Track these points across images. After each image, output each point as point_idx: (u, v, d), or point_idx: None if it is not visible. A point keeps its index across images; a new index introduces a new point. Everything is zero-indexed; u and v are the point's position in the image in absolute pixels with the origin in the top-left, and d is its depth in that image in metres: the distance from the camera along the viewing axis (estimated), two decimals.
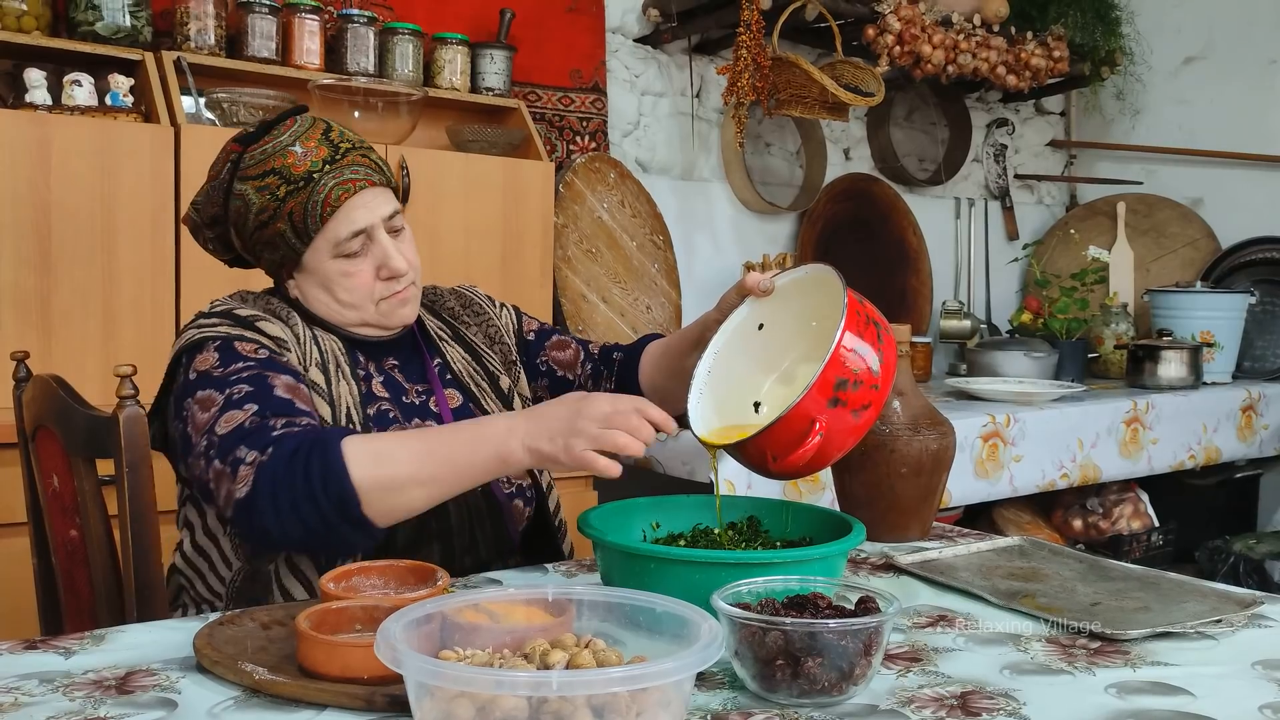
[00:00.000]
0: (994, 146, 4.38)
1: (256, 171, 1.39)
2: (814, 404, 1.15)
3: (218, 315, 1.38)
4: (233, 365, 1.31)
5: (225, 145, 1.44)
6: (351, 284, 1.41)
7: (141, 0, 2.42)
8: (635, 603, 0.92)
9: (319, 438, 1.20)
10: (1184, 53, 4.21)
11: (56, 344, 2.19)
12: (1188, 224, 4.14)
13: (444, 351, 1.56)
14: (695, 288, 3.50)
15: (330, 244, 1.39)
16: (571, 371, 1.63)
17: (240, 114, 2.45)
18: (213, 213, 1.46)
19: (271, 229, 1.39)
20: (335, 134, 1.43)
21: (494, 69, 2.94)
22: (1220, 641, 1.14)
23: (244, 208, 1.40)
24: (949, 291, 4.23)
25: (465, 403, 1.52)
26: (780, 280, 1.33)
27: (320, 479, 1.17)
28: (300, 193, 1.37)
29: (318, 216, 1.38)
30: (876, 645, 0.96)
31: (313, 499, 1.17)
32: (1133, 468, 3.21)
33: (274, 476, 1.18)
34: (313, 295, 1.44)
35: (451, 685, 0.76)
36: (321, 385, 1.38)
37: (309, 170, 1.38)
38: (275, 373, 1.32)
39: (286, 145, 1.39)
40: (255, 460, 1.20)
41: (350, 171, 1.40)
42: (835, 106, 3.23)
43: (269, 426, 1.23)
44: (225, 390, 1.29)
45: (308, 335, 1.41)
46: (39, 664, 1.02)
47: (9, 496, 1.93)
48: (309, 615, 1.00)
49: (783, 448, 1.17)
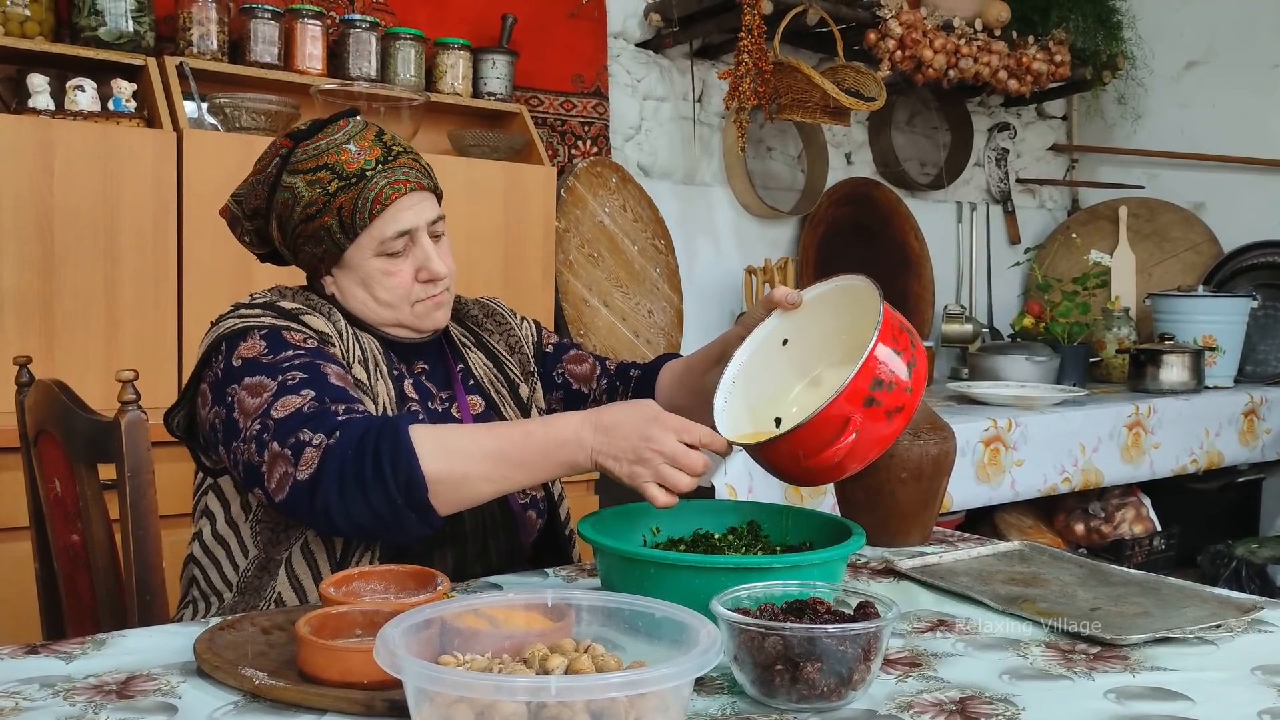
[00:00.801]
0: (995, 151, 4.38)
1: (309, 165, 1.40)
2: (850, 402, 1.15)
3: (260, 306, 1.39)
4: (283, 353, 1.32)
5: (275, 141, 1.45)
6: (391, 283, 1.42)
7: (144, 5, 2.43)
8: (634, 608, 0.93)
9: (388, 423, 1.20)
10: (1185, 57, 4.22)
11: (59, 348, 2.19)
12: (1189, 228, 4.14)
13: (467, 358, 1.58)
14: (697, 292, 3.50)
15: (375, 241, 1.41)
16: (586, 385, 1.64)
17: (242, 119, 2.46)
18: (255, 205, 1.46)
19: (318, 222, 1.40)
20: (388, 137, 1.45)
21: (496, 74, 2.94)
22: (1220, 647, 1.14)
23: (292, 200, 1.41)
24: (951, 296, 4.23)
25: (486, 410, 1.54)
26: (807, 294, 1.34)
27: (391, 464, 1.17)
28: (351, 189, 1.39)
29: (366, 213, 1.39)
30: (875, 650, 0.96)
31: (382, 483, 1.17)
32: (1134, 472, 3.21)
33: (342, 459, 1.18)
34: (350, 292, 1.45)
35: (450, 690, 0.76)
36: (365, 382, 1.39)
37: (362, 168, 1.39)
38: (326, 362, 1.32)
39: (340, 143, 1.41)
40: (322, 443, 1.20)
41: (401, 173, 1.42)
42: (836, 111, 3.24)
43: (331, 411, 1.24)
44: (279, 376, 1.29)
45: (350, 332, 1.43)
46: (40, 669, 1.02)
47: (11, 501, 1.93)
48: (309, 620, 1.01)
49: (815, 446, 1.16)
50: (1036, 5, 3.84)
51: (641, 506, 1.37)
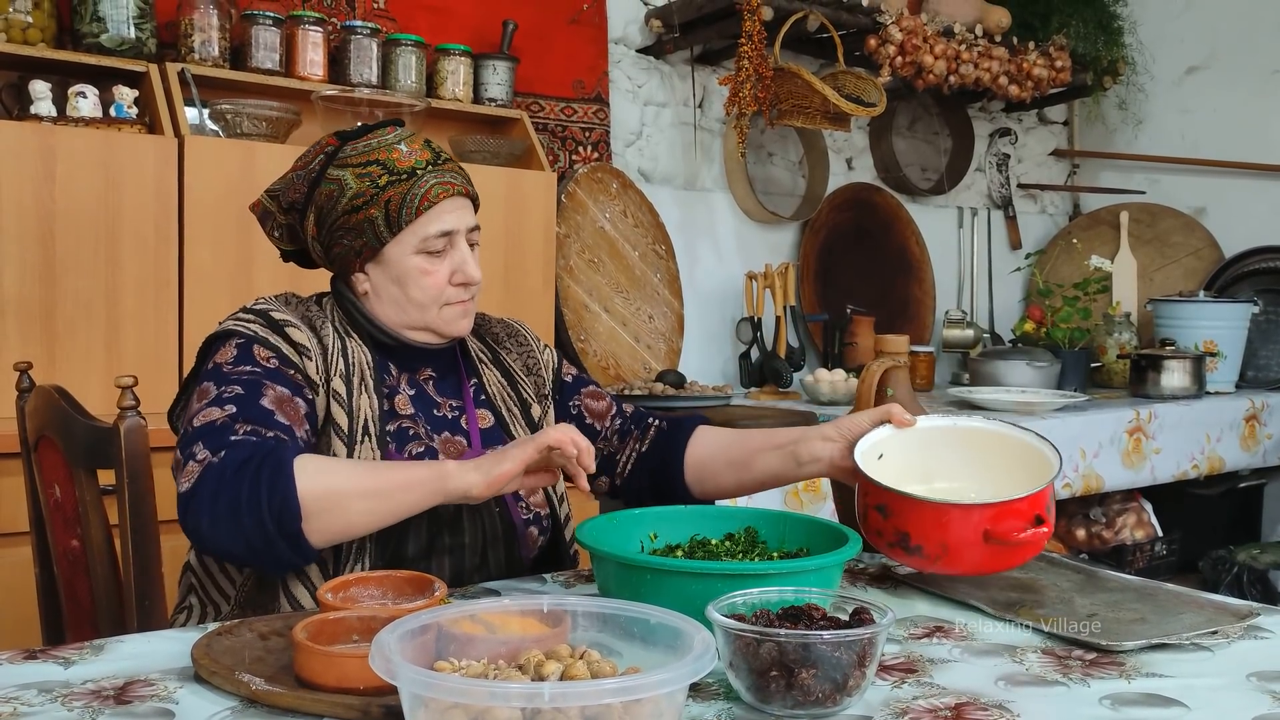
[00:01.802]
0: (996, 156, 4.38)
1: (358, 160, 1.42)
2: (1044, 500, 1.27)
3: (255, 313, 1.41)
4: (240, 367, 1.34)
5: (321, 140, 1.47)
6: (427, 282, 1.43)
7: (146, 12, 2.44)
8: (630, 614, 0.93)
9: (274, 450, 1.22)
10: (1186, 62, 4.22)
11: (60, 354, 2.20)
12: (1190, 233, 4.15)
13: (481, 374, 1.57)
14: (698, 297, 3.51)
15: (418, 238, 1.42)
16: (600, 422, 1.63)
17: (244, 125, 2.46)
18: (293, 199, 1.47)
19: (363, 214, 1.41)
20: (435, 145, 1.48)
21: (496, 80, 2.95)
22: (1216, 653, 1.14)
23: (337, 191, 1.42)
24: (952, 301, 4.23)
25: (495, 425, 1.54)
26: (925, 421, 1.42)
27: (267, 487, 1.18)
28: (402, 183, 1.41)
29: (414, 208, 1.41)
30: (870, 656, 0.96)
31: (255, 506, 1.18)
32: (1136, 477, 3.21)
33: (220, 478, 1.19)
34: (384, 289, 1.45)
35: (445, 696, 0.76)
36: (343, 396, 1.40)
37: (413, 166, 1.42)
38: (273, 383, 1.33)
39: (391, 143, 1.44)
40: (205, 459, 1.22)
41: (450, 175, 1.45)
42: (837, 116, 3.24)
43: (231, 430, 1.25)
44: (220, 387, 1.32)
45: (336, 346, 1.43)
46: (38, 674, 1.03)
47: (11, 506, 1.94)
48: (306, 626, 1.01)
49: (1011, 524, 1.24)
50: (1037, 11, 3.85)
51: (639, 513, 1.37)
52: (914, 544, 1.27)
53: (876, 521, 1.31)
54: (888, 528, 1.29)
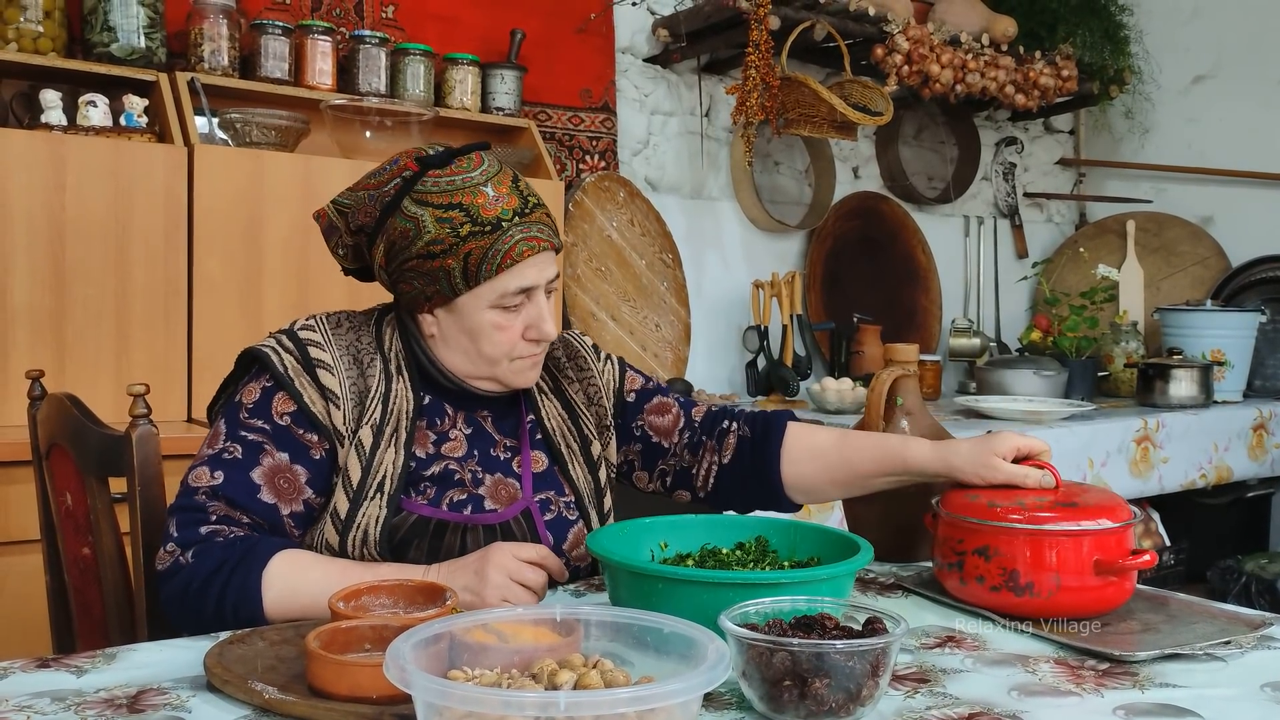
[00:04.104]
0: (1003, 165, 4.38)
1: (440, 201, 1.33)
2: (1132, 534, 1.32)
3: (296, 343, 1.36)
4: (255, 419, 1.33)
5: (400, 159, 1.36)
6: (500, 338, 1.36)
7: (156, 22, 2.45)
8: (643, 623, 0.93)
9: (242, 560, 1.24)
10: (1193, 71, 4.22)
11: (70, 362, 2.20)
12: (1197, 242, 4.14)
13: (541, 407, 1.51)
14: (704, 306, 3.51)
15: (495, 294, 1.34)
16: (668, 439, 1.55)
17: (253, 134, 2.47)
18: (363, 222, 1.38)
19: (440, 262, 1.32)
20: (524, 185, 1.38)
21: (504, 89, 2.96)
22: (1229, 663, 1.14)
23: (414, 231, 1.33)
24: (958, 309, 4.23)
25: (550, 466, 1.48)
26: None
27: (233, 605, 1.22)
28: (485, 236, 1.32)
29: (495, 265, 1.32)
30: (884, 666, 0.96)
31: (220, 615, 1.23)
32: (1143, 487, 3.20)
33: (188, 585, 1.23)
34: (453, 339, 1.38)
35: (460, 705, 0.76)
36: (365, 448, 1.34)
37: (498, 216, 1.32)
38: (276, 448, 1.32)
39: (478, 184, 1.33)
40: (175, 552, 1.26)
41: (536, 229, 1.35)
42: (844, 125, 3.25)
43: (204, 520, 1.27)
44: (225, 441, 1.32)
45: (379, 390, 1.37)
46: (51, 682, 1.03)
47: (23, 514, 1.94)
48: (318, 634, 1.01)
49: (1118, 551, 1.26)
50: (1044, 20, 3.85)
51: (649, 522, 1.37)
52: (1024, 582, 1.26)
53: (976, 567, 1.29)
54: (992, 570, 1.27)
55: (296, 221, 2.41)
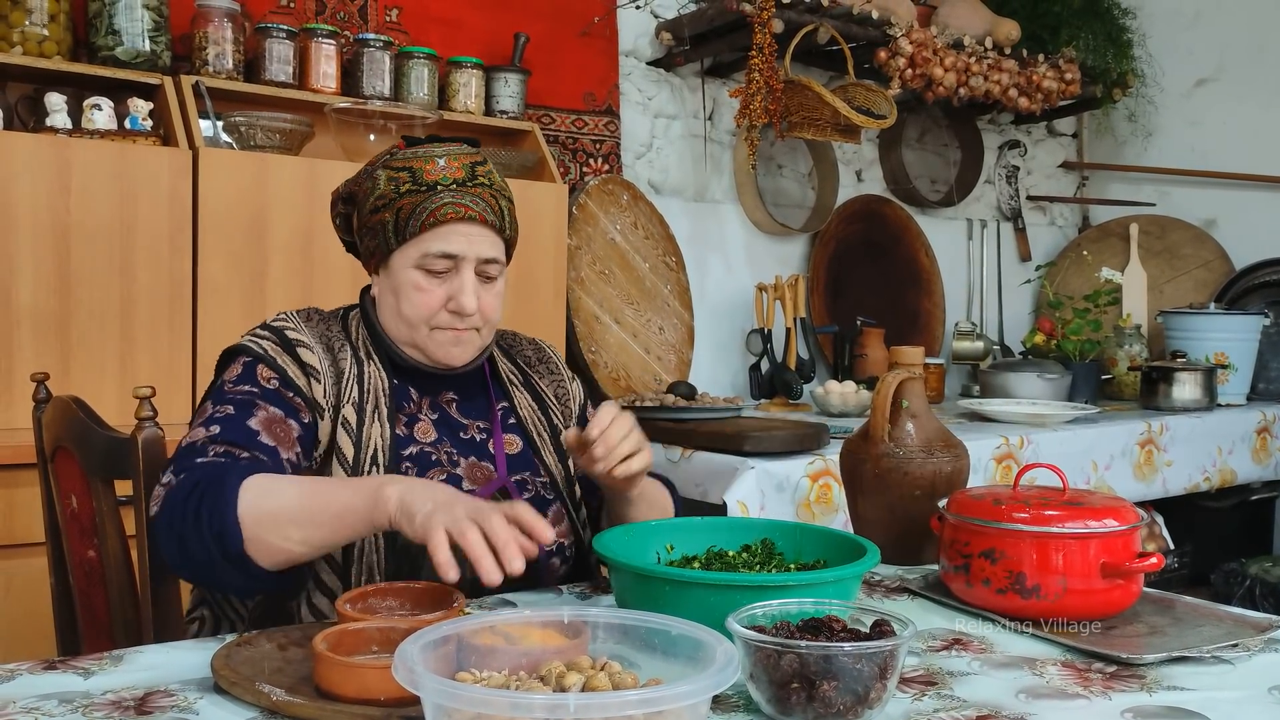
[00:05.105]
0: (1006, 168, 4.38)
1: (397, 164, 1.42)
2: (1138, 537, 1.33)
3: (271, 330, 1.42)
4: (241, 386, 1.35)
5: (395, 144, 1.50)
6: (417, 299, 1.41)
7: (161, 25, 2.45)
8: (650, 625, 0.93)
9: (221, 473, 1.20)
10: (1196, 74, 4.22)
11: (75, 365, 2.21)
12: (1201, 245, 4.14)
13: (512, 396, 1.55)
14: (708, 309, 3.51)
15: (418, 253, 1.40)
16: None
17: (257, 137, 2.47)
18: (351, 190, 1.49)
19: (379, 216, 1.41)
20: (484, 170, 1.45)
21: (508, 92, 2.96)
22: (1236, 666, 1.14)
23: (370, 188, 1.43)
24: (961, 313, 4.23)
25: (525, 449, 1.51)
26: None
27: (208, 511, 1.17)
28: (418, 194, 1.39)
29: (420, 222, 1.39)
30: (892, 669, 0.96)
31: (198, 532, 1.17)
32: (1147, 490, 3.20)
33: (172, 505, 1.20)
34: (383, 298, 1.45)
35: (468, 707, 0.76)
36: (353, 424, 1.38)
37: (437, 180, 1.40)
38: (267, 403, 1.33)
39: (434, 155, 1.43)
40: (169, 484, 1.23)
41: (471, 199, 1.41)
42: (847, 128, 3.25)
43: (201, 452, 1.26)
44: (215, 407, 1.33)
45: (353, 372, 1.42)
46: (58, 684, 1.03)
47: (28, 517, 1.94)
48: (326, 636, 1.01)
49: (1124, 554, 1.27)
50: (1047, 24, 3.85)
51: (655, 524, 1.37)
52: (1031, 585, 1.26)
53: (983, 569, 1.29)
54: (998, 572, 1.27)
55: (300, 224, 2.41)
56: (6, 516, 1.99)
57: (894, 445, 1.59)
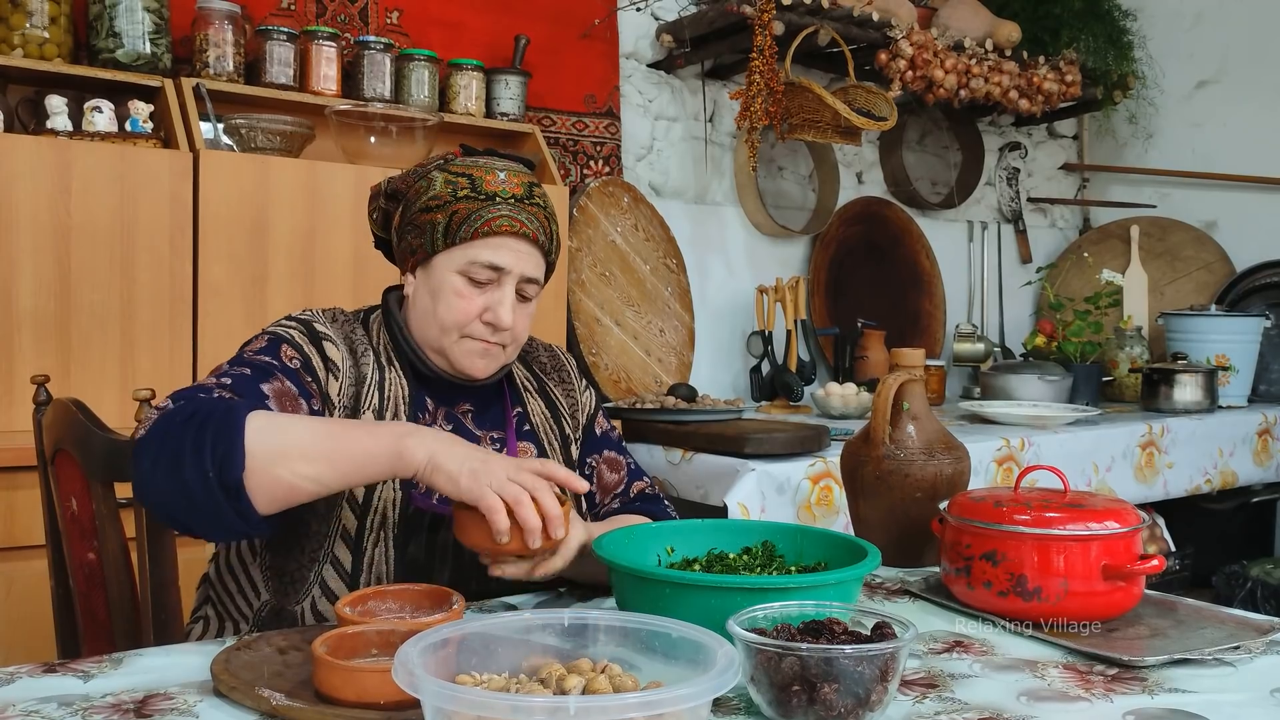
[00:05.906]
0: (1006, 170, 4.38)
1: (456, 169, 1.43)
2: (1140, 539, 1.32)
3: (299, 321, 1.42)
4: (261, 356, 1.34)
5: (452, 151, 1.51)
6: (457, 304, 1.40)
7: (161, 28, 2.45)
8: (651, 628, 0.93)
9: (228, 403, 1.17)
10: (1197, 76, 4.22)
11: (75, 367, 2.21)
12: (1202, 247, 4.14)
13: (526, 402, 1.55)
14: (708, 311, 3.51)
15: (465, 259, 1.40)
16: (603, 494, 1.58)
17: (258, 140, 2.47)
18: (398, 188, 1.49)
19: (431, 215, 1.41)
20: (539, 191, 1.46)
21: (509, 94, 2.96)
22: (1238, 668, 1.14)
23: (425, 187, 1.43)
24: (962, 315, 4.23)
25: (537, 457, 1.49)
26: None
27: (213, 434, 1.13)
28: (476, 202, 1.40)
29: (473, 229, 1.39)
30: (893, 671, 0.95)
31: (198, 454, 1.12)
32: (1148, 492, 3.20)
33: (169, 423, 1.15)
34: (419, 299, 1.44)
35: (468, 710, 0.76)
36: None
37: (496, 192, 1.41)
38: (285, 378, 1.33)
39: (495, 167, 1.44)
40: (163, 408, 1.19)
41: (527, 217, 1.42)
42: (848, 130, 3.24)
43: (207, 390, 1.23)
44: (232, 367, 1.32)
45: (374, 379, 1.41)
46: (58, 687, 1.03)
47: (28, 519, 1.94)
48: (325, 640, 1.01)
49: (1125, 556, 1.27)
50: (1047, 25, 3.85)
51: (655, 527, 1.37)
52: (1032, 587, 1.25)
53: (984, 571, 1.29)
54: (999, 574, 1.27)
55: (301, 226, 2.41)
56: (7, 519, 1.99)
57: (895, 447, 1.59)
